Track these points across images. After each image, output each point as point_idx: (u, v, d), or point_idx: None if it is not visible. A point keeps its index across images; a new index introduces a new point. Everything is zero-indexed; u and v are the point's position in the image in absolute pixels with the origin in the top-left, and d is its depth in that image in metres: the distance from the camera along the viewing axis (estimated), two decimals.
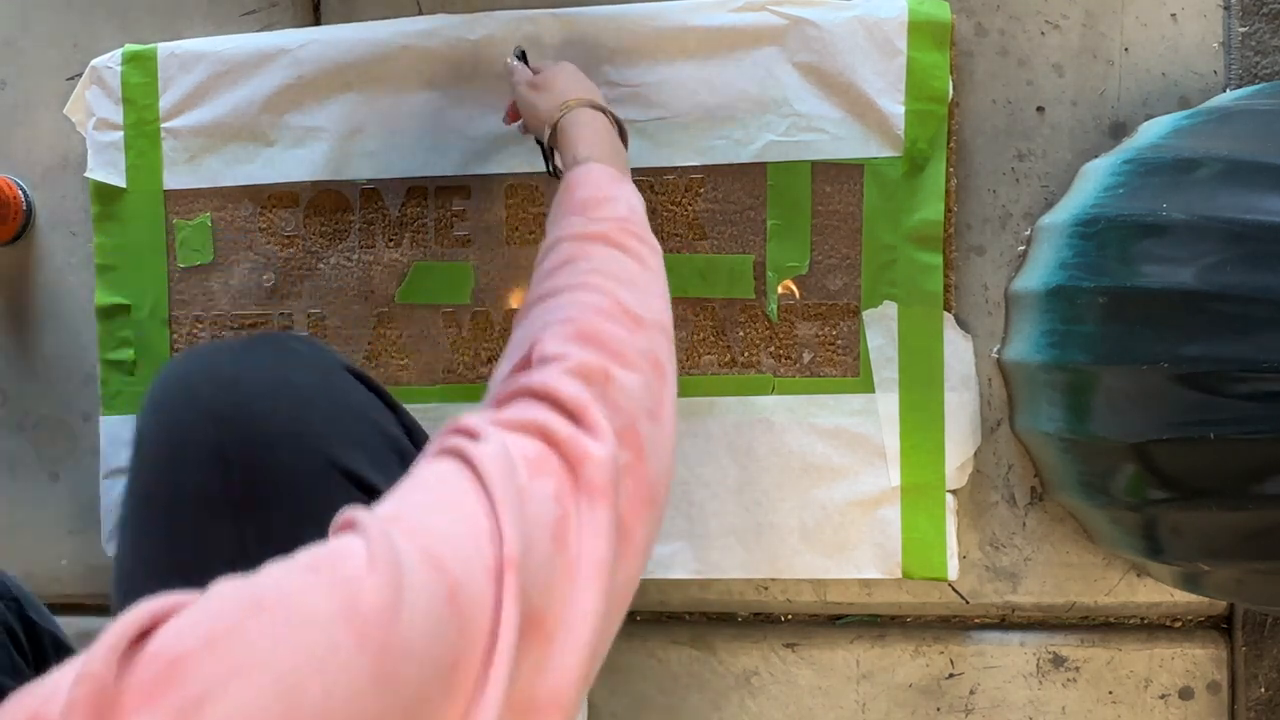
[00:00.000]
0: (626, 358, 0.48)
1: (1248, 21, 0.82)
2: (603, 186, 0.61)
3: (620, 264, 0.54)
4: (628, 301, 0.51)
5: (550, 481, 0.40)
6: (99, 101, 0.91)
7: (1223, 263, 0.61)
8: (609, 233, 0.56)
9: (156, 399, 0.57)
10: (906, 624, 0.88)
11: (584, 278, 0.52)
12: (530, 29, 0.85)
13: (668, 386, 0.49)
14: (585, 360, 0.46)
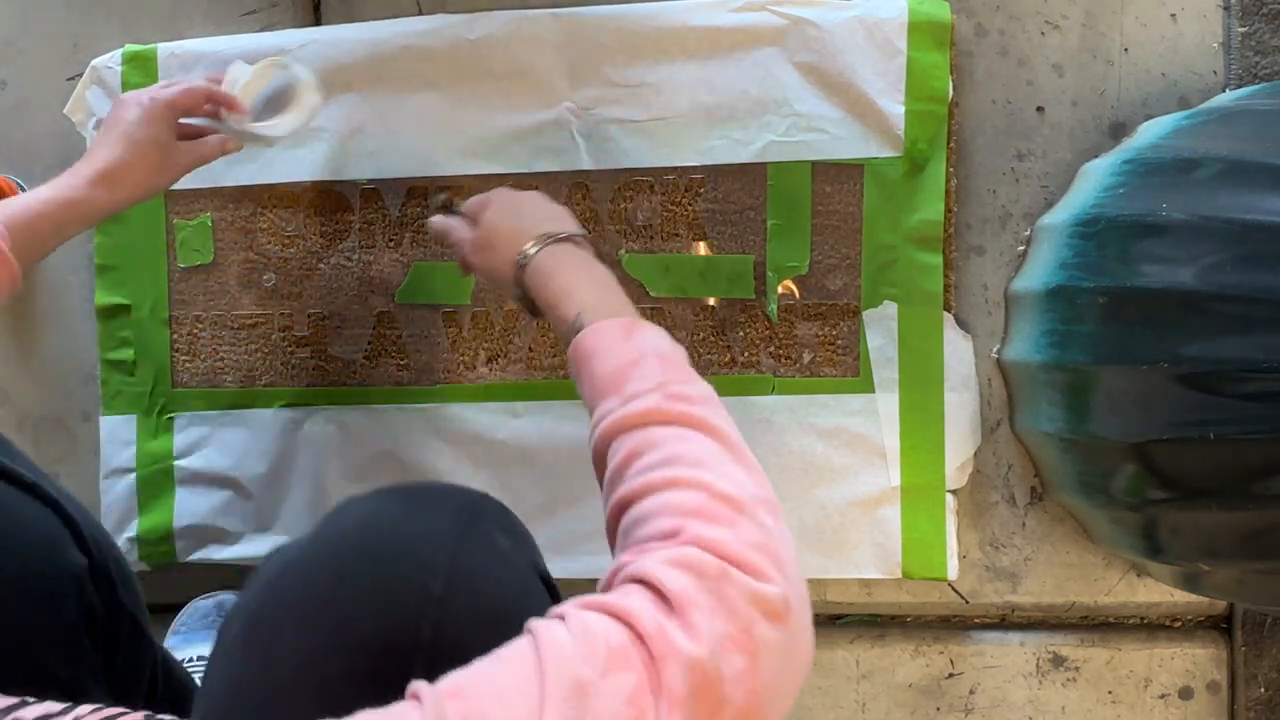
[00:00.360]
0: (734, 555, 0.41)
1: (1247, 21, 0.82)
2: (618, 349, 0.55)
3: (689, 443, 0.48)
4: (719, 487, 0.44)
5: (630, 678, 0.36)
6: (99, 101, 0.91)
7: (1223, 263, 0.61)
8: (656, 408, 0.50)
9: (337, 554, 0.48)
10: (906, 624, 0.88)
11: (657, 463, 0.47)
12: (530, 29, 0.85)
13: (791, 583, 0.42)
14: (694, 556, 0.41)
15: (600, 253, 0.69)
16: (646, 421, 0.50)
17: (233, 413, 0.90)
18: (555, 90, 0.86)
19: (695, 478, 0.45)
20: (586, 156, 0.85)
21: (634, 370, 0.53)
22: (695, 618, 0.38)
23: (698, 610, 0.38)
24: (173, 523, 0.90)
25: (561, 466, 0.86)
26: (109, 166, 0.72)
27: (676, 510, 0.44)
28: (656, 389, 0.51)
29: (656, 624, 0.38)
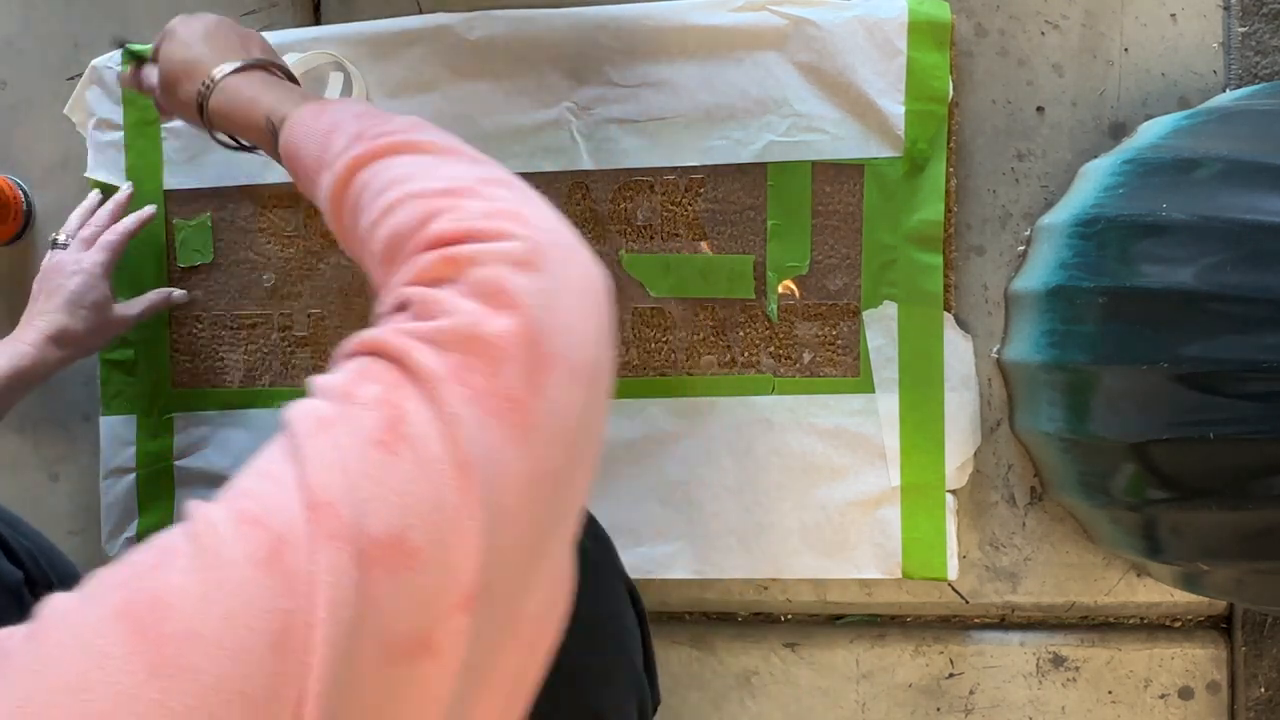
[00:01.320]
0: (465, 232, 0.39)
1: (1248, 21, 0.82)
2: (314, 129, 0.52)
3: (392, 169, 0.45)
4: (429, 187, 0.42)
5: (374, 387, 0.34)
6: (99, 101, 0.91)
7: (1223, 263, 0.61)
8: (356, 156, 0.47)
9: None
10: (906, 624, 0.88)
11: (379, 204, 0.43)
12: (530, 29, 0.85)
13: (534, 229, 0.40)
14: (425, 261, 0.39)
15: (291, 76, 0.64)
16: (351, 174, 0.47)
17: (233, 413, 0.90)
18: (555, 90, 0.86)
19: (404, 193, 0.42)
20: (586, 156, 0.85)
21: (331, 137, 0.50)
22: (443, 308, 0.36)
23: (441, 303, 0.36)
24: (173, 523, 0.90)
25: None
26: (58, 331, 0.79)
27: (399, 231, 0.41)
28: (353, 141, 0.48)
29: (400, 339, 0.35)
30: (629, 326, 0.86)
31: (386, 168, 0.45)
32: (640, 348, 0.86)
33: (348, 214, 0.47)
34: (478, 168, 0.44)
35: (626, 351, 0.86)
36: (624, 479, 0.85)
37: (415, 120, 0.49)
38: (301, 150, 0.52)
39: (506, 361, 0.35)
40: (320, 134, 0.50)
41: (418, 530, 0.31)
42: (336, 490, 0.31)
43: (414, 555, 0.31)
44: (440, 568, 0.31)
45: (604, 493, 0.86)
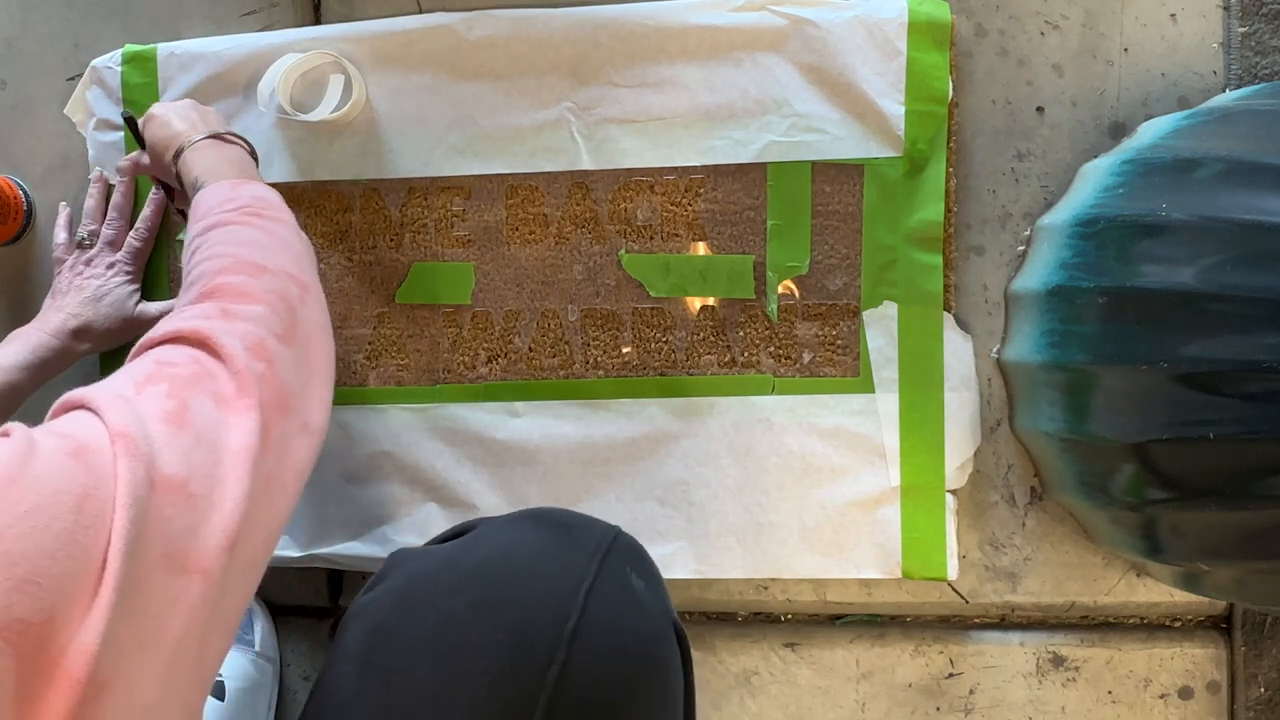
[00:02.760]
0: (249, 295, 0.53)
1: (1248, 21, 0.82)
2: (221, 192, 0.64)
3: (239, 234, 0.58)
4: (248, 256, 0.56)
5: (163, 386, 0.45)
6: (99, 102, 0.91)
7: (1223, 263, 0.61)
8: (225, 218, 0.60)
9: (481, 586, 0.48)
10: (906, 624, 0.88)
11: (206, 252, 0.56)
12: (530, 29, 0.85)
13: (299, 320, 0.54)
14: (202, 307, 0.52)
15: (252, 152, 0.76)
16: (215, 225, 0.59)
17: None
18: (555, 90, 0.86)
19: (232, 252, 0.56)
20: (586, 156, 0.86)
21: (229, 203, 0.62)
22: (219, 339, 0.49)
23: (218, 332, 0.49)
24: None
25: (561, 466, 0.86)
26: (82, 326, 0.84)
27: (206, 273, 0.55)
28: (238, 209, 0.61)
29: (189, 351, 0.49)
30: (629, 326, 0.86)
31: (229, 233, 0.58)
32: (640, 348, 0.86)
33: (187, 257, 0.59)
34: (295, 267, 0.58)
35: (626, 351, 0.86)
36: (624, 479, 0.85)
37: (275, 202, 0.63)
38: (200, 209, 0.63)
39: (264, 383, 0.49)
40: (220, 201, 0.62)
41: (197, 483, 0.41)
42: (135, 432, 0.40)
43: (193, 498, 0.41)
44: (213, 514, 0.41)
45: (604, 492, 0.86)
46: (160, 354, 0.48)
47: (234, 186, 0.65)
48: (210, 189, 0.65)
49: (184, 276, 0.58)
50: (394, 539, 0.87)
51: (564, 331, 0.87)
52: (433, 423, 0.88)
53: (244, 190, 0.64)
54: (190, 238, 0.61)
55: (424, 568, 0.51)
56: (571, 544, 0.51)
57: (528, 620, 0.46)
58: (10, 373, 0.78)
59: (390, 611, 0.49)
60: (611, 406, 0.86)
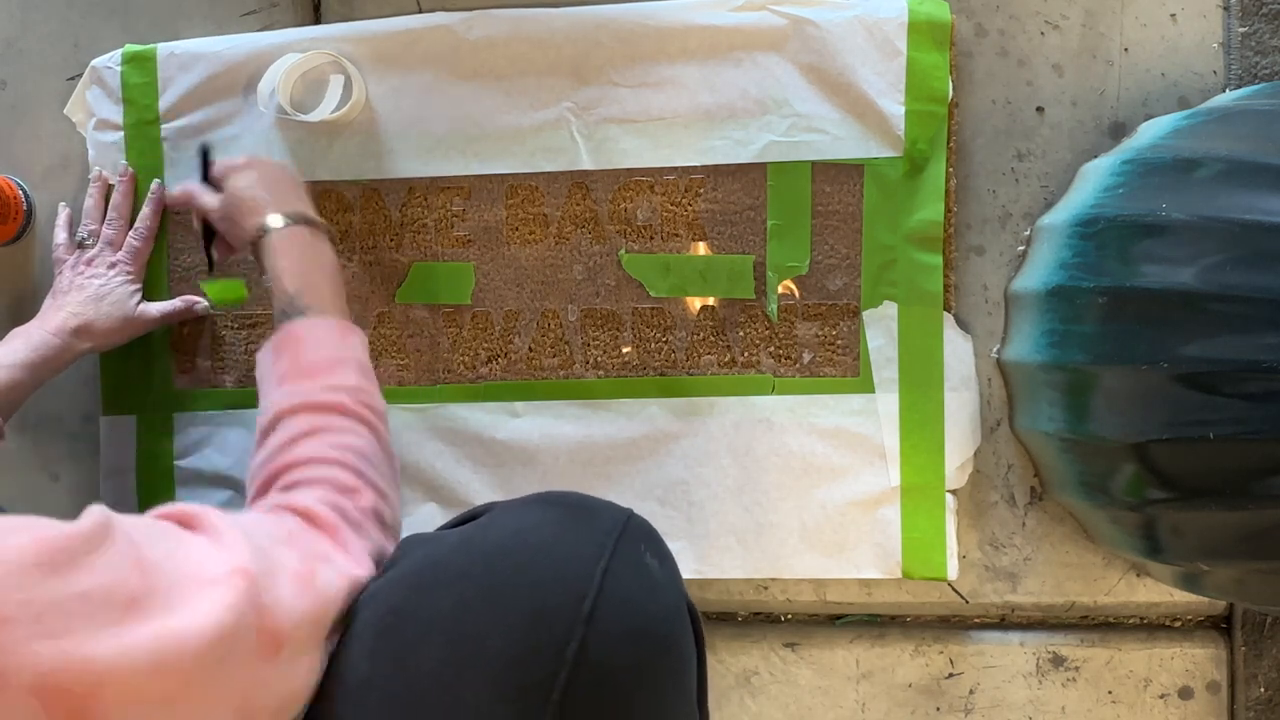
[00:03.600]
0: (368, 515, 0.59)
1: (1248, 21, 0.82)
2: (329, 345, 0.66)
3: (358, 440, 0.62)
4: (365, 471, 0.60)
5: (298, 552, 0.50)
6: (99, 101, 0.91)
7: (1223, 263, 0.61)
8: (347, 405, 0.62)
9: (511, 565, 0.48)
10: (906, 624, 0.88)
11: (331, 453, 0.59)
12: (530, 29, 0.85)
13: (388, 540, 0.59)
14: (343, 503, 0.57)
15: (332, 236, 0.76)
16: (334, 410, 0.62)
17: (233, 413, 0.90)
18: (555, 90, 0.86)
19: (354, 464, 0.60)
20: (586, 156, 0.86)
21: (339, 367, 0.65)
22: (341, 536, 0.54)
23: (341, 531, 0.55)
24: None
25: (561, 466, 0.86)
26: (83, 325, 0.83)
27: (334, 481, 0.58)
28: (352, 392, 0.63)
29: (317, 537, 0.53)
30: (629, 326, 0.86)
31: (355, 433, 0.62)
32: (640, 348, 0.86)
33: (307, 423, 0.61)
34: (393, 470, 0.64)
35: (626, 351, 0.86)
36: (624, 479, 0.85)
37: (384, 408, 0.66)
38: (305, 347, 0.66)
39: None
40: (330, 356, 0.65)
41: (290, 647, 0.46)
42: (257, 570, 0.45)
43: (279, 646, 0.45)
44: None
45: (604, 492, 0.85)
46: (295, 525, 0.53)
47: (341, 336, 0.67)
48: (314, 329, 0.67)
49: (289, 428, 0.61)
50: None
51: (564, 331, 0.87)
52: (433, 423, 0.88)
53: (350, 349, 0.67)
54: (297, 400, 0.62)
55: (437, 551, 0.51)
56: (586, 524, 0.51)
57: (544, 600, 0.46)
58: (11, 370, 0.79)
59: (403, 595, 0.49)
60: (611, 406, 0.86)
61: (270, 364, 0.66)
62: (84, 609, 0.37)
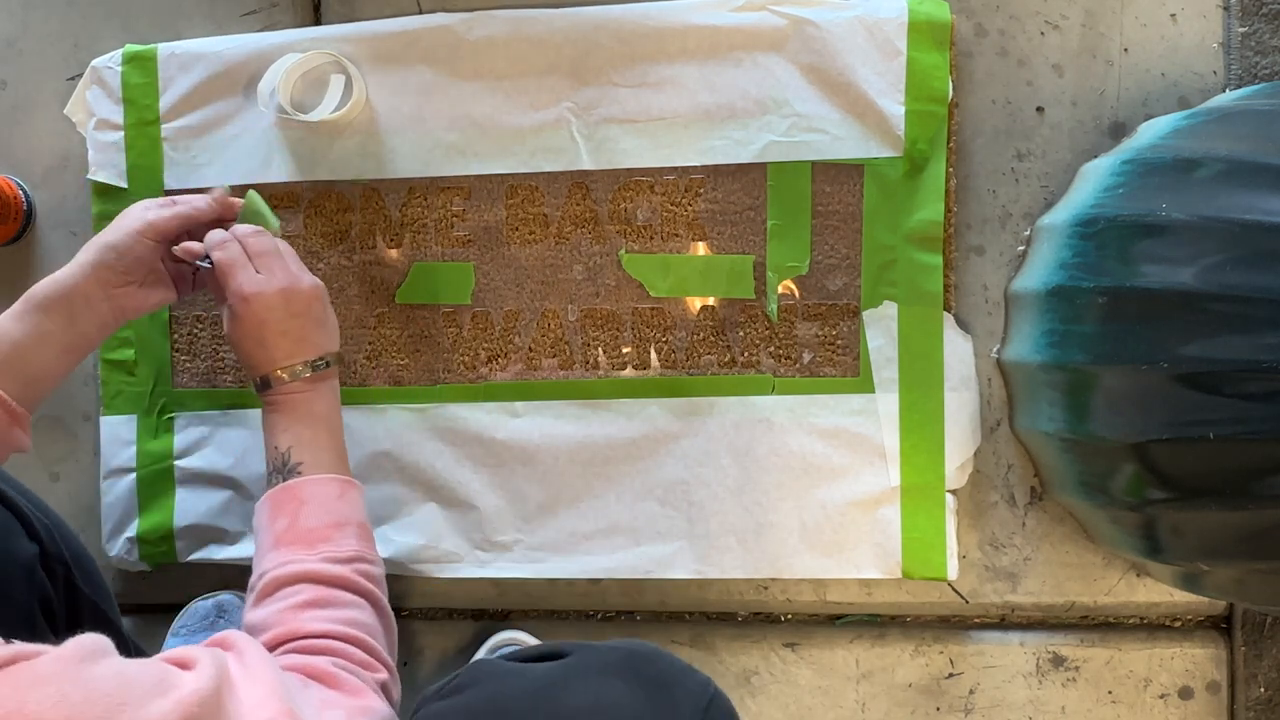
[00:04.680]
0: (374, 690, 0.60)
1: (1247, 21, 0.82)
2: (329, 509, 0.66)
3: (364, 616, 0.63)
4: (375, 648, 0.62)
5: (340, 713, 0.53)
6: (99, 102, 0.91)
7: (1223, 263, 0.61)
8: (350, 579, 0.63)
9: None
10: (906, 624, 0.88)
11: (341, 629, 0.61)
12: (530, 29, 0.85)
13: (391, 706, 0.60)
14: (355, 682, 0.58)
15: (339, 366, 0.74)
16: (336, 584, 0.63)
17: (233, 413, 0.90)
18: (555, 90, 0.86)
19: (365, 640, 0.61)
20: (586, 156, 0.86)
21: (337, 533, 0.65)
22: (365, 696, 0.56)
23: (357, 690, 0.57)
24: (173, 523, 0.90)
25: (561, 466, 0.86)
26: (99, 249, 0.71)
27: (348, 656, 0.59)
28: (351, 560, 0.64)
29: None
30: (629, 326, 0.86)
31: (359, 607, 0.63)
32: (640, 348, 0.86)
33: (307, 594, 0.62)
34: (390, 639, 0.65)
35: (626, 351, 0.86)
36: (624, 479, 0.85)
37: (382, 572, 0.67)
38: (306, 511, 0.65)
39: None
40: (330, 521, 0.66)
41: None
42: None
43: None
44: None
45: (604, 492, 0.86)
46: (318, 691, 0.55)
47: (341, 495, 0.67)
48: (315, 490, 0.67)
49: (295, 596, 0.62)
50: (394, 538, 0.87)
51: (564, 331, 0.87)
52: (433, 423, 0.88)
53: (350, 512, 0.67)
54: (300, 568, 0.63)
55: (508, 694, 0.50)
56: (667, 709, 0.49)
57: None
58: (23, 320, 0.68)
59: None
60: (611, 406, 0.86)
61: (267, 520, 0.66)
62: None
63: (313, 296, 0.72)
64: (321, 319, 0.72)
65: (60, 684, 0.38)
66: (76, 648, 0.40)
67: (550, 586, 0.89)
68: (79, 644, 0.41)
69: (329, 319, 0.74)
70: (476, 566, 0.87)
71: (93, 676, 0.39)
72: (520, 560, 0.87)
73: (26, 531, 0.63)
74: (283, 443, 0.68)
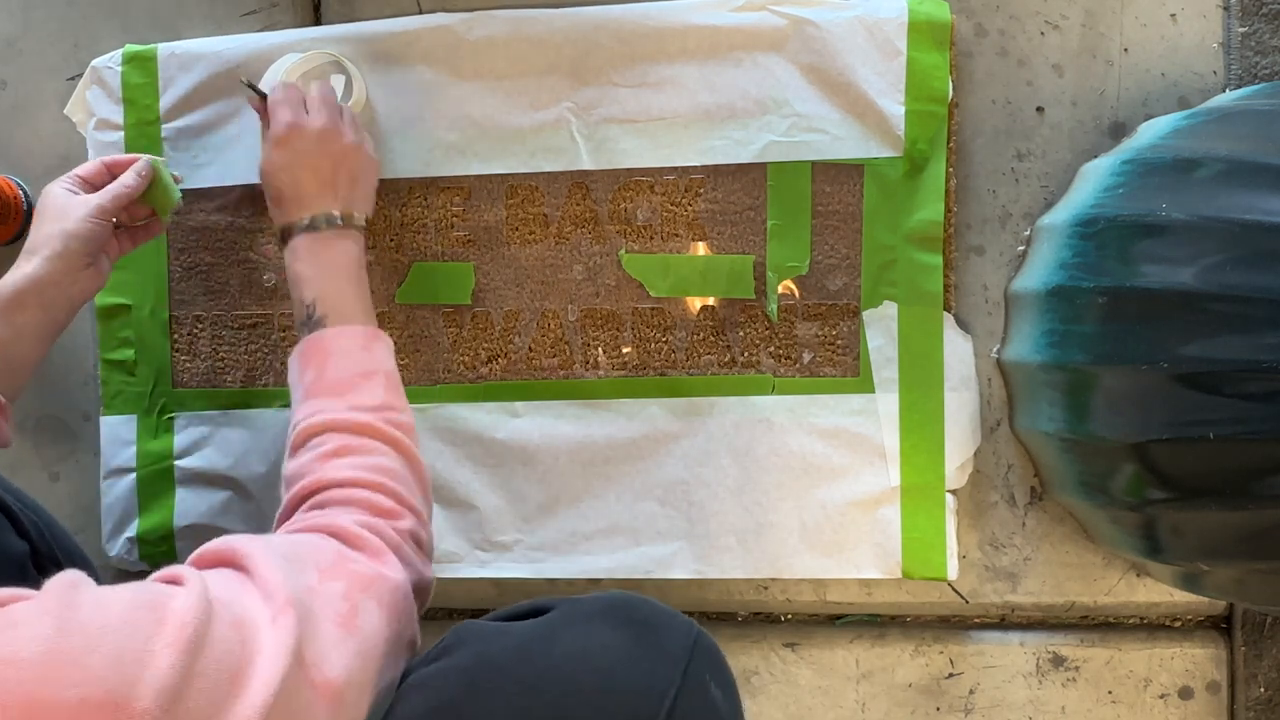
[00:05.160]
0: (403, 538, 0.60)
1: (1247, 21, 0.82)
2: (355, 359, 0.67)
3: (391, 462, 0.62)
4: (402, 494, 0.61)
5: (340, 584, 0.50)
6: (99, 102, 0.91)
7: (1223, 263, 0.61)
8: (377, 426, 0.63)
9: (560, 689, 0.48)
10: (906, 624, 0.88)
11: (365, 475, 0.60)
12: (530, 29, 0.85)
13: (426, 565, 0.61)
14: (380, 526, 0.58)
15: (364, 230, 0.76)
16: (363, 432, 0.63)
17: (233, 413, 0.90)
18: (555, 90, 0.86)
19: (390, 486, 0.60)
20: (586, 156, 0.86)
21: (365, 383, 0.65)
22: (384, 558, 0.55)
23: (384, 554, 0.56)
24: (173, 523, 0.90)
25: (561, 466, 0.86)
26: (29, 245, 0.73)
27: (371, 504, 0.59)
28: (379, 409, 0.64)
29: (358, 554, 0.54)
30: (629, 326, 0.86)
31: (384, 454, 0.62)
32: (640, 348, 0.86)
33: (335, 443, 0.62)
34: (425, 491, 0.64)
35: (626, 351, 0.86)
36: (624, 479, 0.85)
37: (412, 422, 0.66)
38: (332, 363, 0.66)
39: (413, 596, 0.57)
40: (356, 371, 0.66)
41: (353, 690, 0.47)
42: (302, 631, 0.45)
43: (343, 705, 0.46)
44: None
45: (604, 492, 0.86)
46: (335, 550, 0.53)
47: (366, 346, 0.67)
48: (340, 340, 0.67)
49: (321, 445, 0.62)
50: None
51: (564, 331, 0.87)
52: (433, 423, 0.88)
53: (376, 360, 0.67)
54: (327, 418, 0.63)
55: (495, 651, 0.50)
56: (653, 648, 0.50)
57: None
58: None
59: (456, 691, 0.48)
60: (611, 406, 0.86)
61: (298, 374, 0.67)
62: (206, 686, 0.39)
63: (353, 149, 0.75)
64: (355, 175, 0.75)
65: (36, 624, 0.37)
66: (55, 585, 0.40)
67: (550, 586, 0.89)
68: (57, 581, 0.40)
69: (364, 181, 0.76)
70: (476, 566, 0.87)
71: (75, 605, 0.38)
72: (520, 560, 0.87)
73: (16, 530, 0.63)
74: (307, 294, 0.69)
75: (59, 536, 0.68)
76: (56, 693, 0.35)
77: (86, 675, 0.36)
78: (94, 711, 0.35)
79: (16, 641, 0.36)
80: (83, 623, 0.37)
